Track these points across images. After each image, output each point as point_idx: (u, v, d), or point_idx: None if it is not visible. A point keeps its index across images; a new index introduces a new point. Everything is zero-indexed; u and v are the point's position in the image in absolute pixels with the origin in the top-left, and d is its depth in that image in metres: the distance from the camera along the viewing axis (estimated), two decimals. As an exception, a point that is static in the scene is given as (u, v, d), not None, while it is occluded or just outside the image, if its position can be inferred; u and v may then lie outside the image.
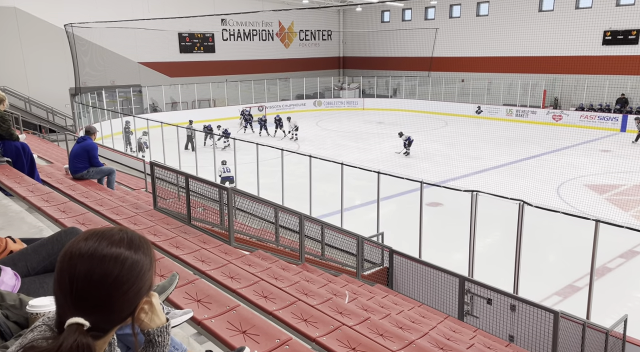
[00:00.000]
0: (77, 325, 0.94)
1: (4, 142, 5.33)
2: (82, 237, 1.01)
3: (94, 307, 0.96)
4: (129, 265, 1.00)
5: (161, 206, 5.83)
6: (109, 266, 0.97)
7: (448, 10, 31.30)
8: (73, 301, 0.95)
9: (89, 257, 0.97)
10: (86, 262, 0.96)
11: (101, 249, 0.98)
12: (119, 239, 1.02)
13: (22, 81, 23.20)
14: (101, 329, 0.98)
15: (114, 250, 0.99)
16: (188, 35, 29.71)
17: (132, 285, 1.00)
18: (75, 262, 0.96)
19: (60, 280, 0.97)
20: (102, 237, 1.00)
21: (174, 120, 19.78)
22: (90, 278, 0.95)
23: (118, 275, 0.98)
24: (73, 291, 0.95)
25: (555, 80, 26.62)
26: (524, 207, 6.75)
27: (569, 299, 7.84)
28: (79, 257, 0.97)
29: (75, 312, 0.94)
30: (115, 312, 1.00)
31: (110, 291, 0.97)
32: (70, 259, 0.97)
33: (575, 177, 14.99)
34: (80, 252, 0.97)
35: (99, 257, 0.97)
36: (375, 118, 28.79)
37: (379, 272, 7.65)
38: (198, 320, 2.35)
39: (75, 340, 0.91)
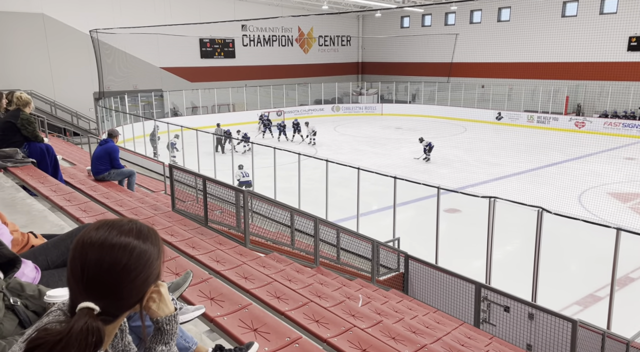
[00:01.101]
0: (87, 309, 0.99)
1: (29, 144, 5.50)
2: (94, 227, 1.06)
3: (103, 293, 1.01)
4: (137, 254, 1.04)
5: (179, 207, 5.93)
6: (118, 254, 1.02)
7: (469, 16, 31.08)
8: (84, 286, 1.00)
9: (99, 246, 1.02)
10: (97, 250, 1.01)
11: (111, 238, 1.03)
12: (128, 229, 1.06)
13: (48, 85, 23.85)
14: (110, 314, 1.03)
15: (123, 239, 1.04)
16: (209, 40, 30.16)
17: (140, 273, 1.05)
18: (87, 250, 1.01)
19: (72, 267, 1.02)
20: (112, 227, 1.05)
21: (195, 124, 20.08)
22: (101, 265, 1.00)
23: (127, 263, 1.02)
24: (84, 277, 1.00)
25: (578, 87, 26.16)
26: (543, 215, 6.65)
27: (589, 308, 7.67)
28: (90, 246, 1.02)
29: (86, 297, 1.00)
30: (123, 298, 1.04)
31: (119, 277, 1.02)
32: (82, 247, 1.02)
33: (598, 185, 14.67)
34: (91, 240, 1.02)
35: (109, 246, 1.02)
36: (394, 123, 28.70)
37: (394, 278, 7.61)
38: (210, 317, 2.39)
39: (86, 323, 0.96)
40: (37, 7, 23.31)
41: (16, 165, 5.35)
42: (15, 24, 22.70)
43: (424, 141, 18.57)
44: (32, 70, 23.29)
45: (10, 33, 22.65)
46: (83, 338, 0.95)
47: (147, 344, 1.17)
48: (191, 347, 1.79)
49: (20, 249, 2.13)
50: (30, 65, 23.30)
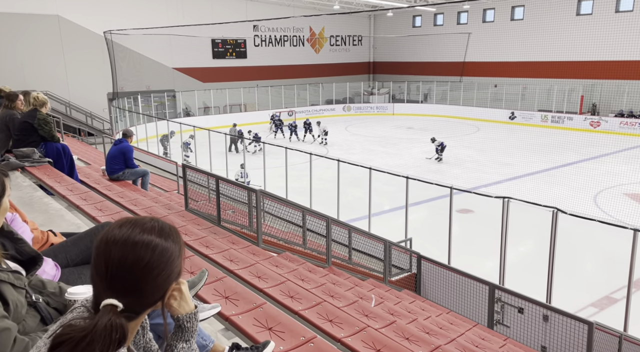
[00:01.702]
0: (111, 306, 1.00)
1: (45, 144, 5.58)
2: (117, 225, 1.08)
3: (126, 290, 1.02)
4: (159, 251, 1.06)
5: (192, 207, 5.97)
6: (141, 251, 1.04)
7: (481, 14, 30.81)
8: (108, 283, 1.02)
9: (122, 244, 1.04)
10: (120, 248, 1.03)
11: (134, 236, 1.05)
12: (151, 227, 1.08)
13: (63, 86, 24.18)
14: (133, 311, 1.05)
15: (146, 237, 1.06)
16: (221, 41, 30.32)
17: (162, 270, 1.06)
18: (110, 248, 1.03)
19: (96, 264, 1.04)
20: (134, 225, 1.07)
21: (207, 124, 20.21)
22: (124, 263, 1.02)
23: (149, 260, 1.04)
24: (108, 274, 1.02)
25: (594, 86, 25.78)
26: (557, 215, 6.57)
27: (605, 310, 7.56)
28: (114, 243, 1.04)
29: (109, 294, 1.01)
30: (146, 295, 1.06)
31: (142, 275, 1.04)
32: (106, 245, 1.04)
33: (613, 185, 14.45)
34: (114, 238, 1.04)
35: (132, 244, 1.04)
36: (405, 123, 28.58)
37: (407, 278, 7.58)
38: (226, 316, 2.40)
39: (109, 319, 0.98)
40: (53, 9, 23.65)
41: (33, 164, 5.43)
42: (31, 25, 23.05)
43: (435, 141, 18.45)
44: (48, 71, 23.63)
45: (26, 35, 23.01)
46: (107, 334, 0.96)
47: (167, 342, 1.18)
48: (208, 345, 1.81)
49: (40, 247, 2.17)
50: (46, 67, 23.64)
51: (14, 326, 1.34)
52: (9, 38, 22.58)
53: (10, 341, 1.31)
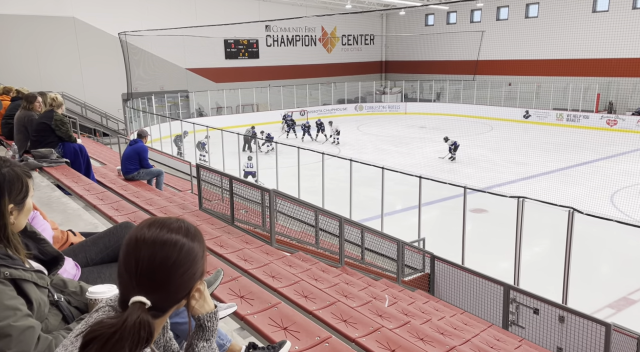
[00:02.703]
0: (140, 303, 1.04)
1: (63, 144, 5.67)
2: (146, 225, 1.12)
3: (155, 287, 1.06)
4: (186, 251, 1.10)
5: (206, 206, 6.02)
6: (169, 250, 1.08)
7: (495, 12, 30.50)
8: (137, 281, 1.06)
9: (152, 243, 1.08)
10: (149, 247, 1.07)
11: (162, 236, 1.09)
12: (178, 227, 1.13)
13: (79, 87, 24.52)
14: (160, 308, 1.08)
15: (174, 237, 1.10)
16: (233, 41, 30.47)
17: (188, 269, 1.10)
18: (140, 247, 1.07)
19: (126, 262, 1.07)
20: (163, 226, 1.11)
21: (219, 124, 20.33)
22: (153, 261, 1.06)
23: (176, 259, 1.08)
24: (137, 271, 1.06)
25: (610, 84, 25.35)
26: (573, 215, 6.48)
27: (623, 312, 7.44)
28: (144, 242, 1.08)
29: (138, 292, 1.05)
30: (172, 293, 1.10)
31: (170, 272, 1.08)
32: (136, 244, 1.08)
33: (631, 184, 14.20)
34: (144, 237, 1.08)
35: (161, 243, 1.08)
36: (418, 122, 28.43)
37: (420, 278, 7.55)
38: (241, 315, 2.42)
39: (139, 316, 1.01)
40: (69, 11, 24.00)
41: (51, 165, 5.52)
42: (47, 28, 23.42)
43: (449, 140, 18.32)
44: (64, 72, 23.99)
45: (43, 37, 23.38)
46: (136, 331, 0.99)
47: (188, 341, 1.20)
48: (225, 344, 1.82)
49: (60, 247, 2.21)
50: (62, 68, 23.99)
51: (37, 325, 1.37)
52: (26, 40, 22.98)
53: (34, 339, 1.34)
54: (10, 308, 1.32)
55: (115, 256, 2.14)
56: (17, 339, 1.30)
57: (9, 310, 1.31)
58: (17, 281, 1.39)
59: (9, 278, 1.37)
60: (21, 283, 1.40)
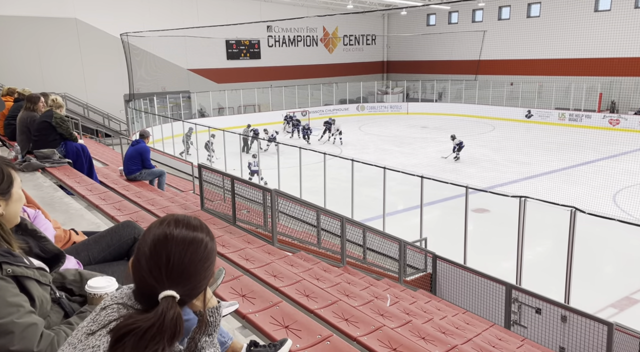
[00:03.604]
0: (172, 297, 1.09)
1: (65, 144, 5.69)
2: (172, 223, 1.18)
3: (184, 281, 1.13)
4: (209, 249, 1.20)
5: (208, 207, 6.03)
6: (197, 247, 1.16)
7: (497, 12, 30.46)
8: (168, 275, 1.11)
9: (182, 239, 1.15)
10: (180, 243, 1.14)
11: (189, 233, 1.17)
12: (200, 226, 1.21)
13: (81, 88, 24.58)
14: (184, 301, 1.14)
15: (199, 234, 1.19)
16: (235, 42, 30.50)
17: (211, 264, 1.20)
18: (171, 243, 1.14)
19: (156, 258, 1.12)
20: (188, 224, 1.19)
21: (221, 125, 20.34)
22: (184, 256, 1.13)
23: (202, 255, 1.17)
24: (169, 266, 1.11)
25: (613, 83, 25.28)
26: (576, 215, 6.47)
27: (625, 311, 7.43)
28: (174, 239, 1.14)
29: (169, 286, 1.10)
30: (197, 287, 1.17)
31: (197, 267, 1.15)
32: (166, 240, 1.14)
33: (633, 184, 14.16)
34: (173, 234, 1.15)
35: (190, 239, 1.16)
36: (420, 122, 28.40)
37: (422, 278, 7.54)
38: (243, 314, 2.43)
39: (176, 310, 1.07)
40: (71, 13, 24.06)
41: (53, 165, 5.54)
42: (49, 29, 23.49)
43: (455, 139, 18.25)
44: (66, 73, 24.05)
45: (45, 38, 23.45)
46: (174, 325, 1.04)
47: (191, 335, 1.21)
48: (227, 342, 1.83)
49: (62, 246, 2.22)
50: (64, 69, 24.06)
51: (40, 321, 1.38)
52: (29, 41, 23.05)
53: (37, 335, 1.35)
54: (13, 305, 1.33)
55: (117, 255, 2.15)
56: (20, 336, 1.31)
57: (11, 307, 1.32)
58: (19, 278, 1.40)
59: (11, 275, 1.38)
60: (23, 280, 1.41)
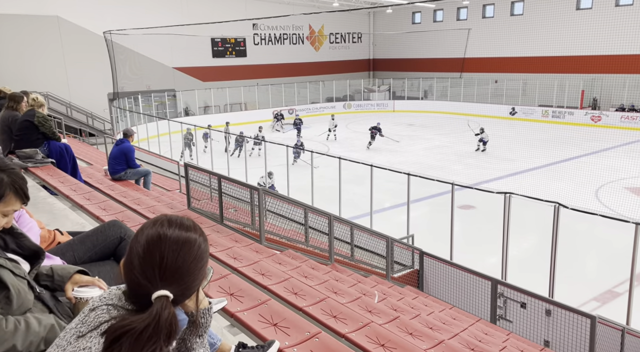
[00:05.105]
0: (166, 297, 1.08)
1: (49, 143, 5.61)
2: (165, 223, 1.18)
3: (177, 281, 1.12)
4: (202, 249, 1.19)
5: (195, 206, 5.99)
6: (190, 247, 1.16)
7: (481, 10, 30.75)
8: (162, 275, 1.10)
9: (175, 240, 1.15)
10: (174, 243, 1.14)
11: (183, 233, 1.17)
12: (193, 226, 1.22)
13: (63, 87, 24.19)
14: (177, 301, 1.13)
15: (192, 235, 1.18)
16: (220, 40, 30.30)
17: (204, 264, 1.20)
18: (165, 243, 1.13)
19: (149, 258, 1.11)
20: (181, 224, 1.19)
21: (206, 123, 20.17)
22: (177, 256, 1.13)
23: (196, 255, 1.17)
24: (162, 266, 1.11)
25: (594, 80, 25.72)
26: (559, 210, 6.57)
27: (608, 304, 7.58)
28: (167, 239, 1.14)
29: (162, 286, 1.09)
30: (190, 287, 1.16)
31: (190, 267, 1.15)
32: (160, 240, 1.14)
33: (615, 179, 14.45)
34: (167, 235, 1.15)
35: (184, 240, 1.16)
36: (406, 120, 28.55)
37: (409, 274, 7.60)
38: (231, 312, 2.43)
39: (170, 310, 1.06)
40: (52, 10, 23.65)
41: (36, 165, 5.46)
42: (30, 27, 23.06)
43: (483, 132, 18.51)
44: (48, 72, 23.65)
45: (26, 36, 23.03)
46: (169, 324, 1.04)
47: (181, 336, 1.20)
48: (216, 343, 1.83)
49: (47, 246, 2.19)
50: (46, 68, 23.65)
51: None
52: (9, 39, 22.61)
53: None
54: None
55: (103, 255, 2.13)
56: None
57: None
58: None
59: None
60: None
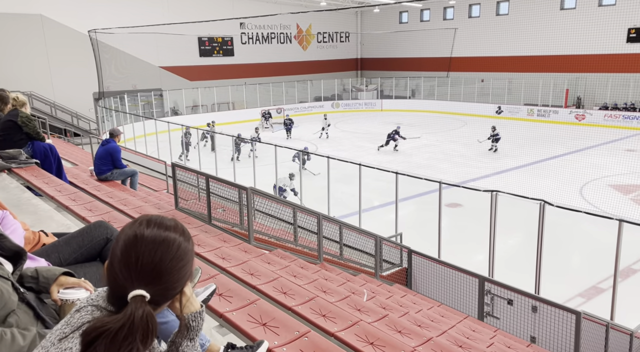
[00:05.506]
0: (141, 297, 1.06)
1: (32, 143, 5.52)
2: (144, 223, 1.16)
3: (154, 281, 1.10)
4: (183, 249, 1.17)
5: (182, 206, 5.95)
6: (168, 247, 1.14)
7: (467, 10, 31.01)
8: (137, 275, 1.08)
9: (152, 239, 1.13)
10: (150, 243, 1.12)
11: (161, 233, 1.15)
12: (174, 226, 1.19)
13: (47, 86, 23.83)
14: (156, 302, 1.11)
15: (172, 234, 1.16)
16: (207, 39, 30.11)
17: (184, 265, 1.16)
18: (141, 243, 1.11)
19: (125, 258, 1.10)
20: (160, 224, 1.17)
21: (195, 123, 20.05)
22: (154, 256, 1.11)
23: (175, 255, 1.14)
24: (138, 266, 1.09)
25: (578, 79, 26.11)
26: (545, 207, 6.66)
27: (592, 300, 7.70)
28: (144, 239, 1.12)
29: (138, 285, 1.08)
30: (169, 288, 1.14)
31: (168, 267, 1.13)
32: (136, 240, 1.12)
33: (599, 177, 14.68)
34: (144, 234, 1.13)
35: (161, 239, 1.14)
36: (394, 119, 28.62)
37: (398, 273, 7.64)
38: (220, 313, 2.42)
39: (144, 309, 1.04)
40: (35, 9, 23.27)
41: (20, 166, 5.37)
42: (13, 25, 22.67)
43: (495, 129, 18.58)
44: (31, 71, 23.28)
45: (9, 35, 22.62)
46: (145, 324, 1.02)
47: (172, 339, 1.20)
48: (205, 344, 1.82)
49: (32, 248, 2.16)
50: (29, 67, 23.28)
51: None
52: (-9, 38, 22.22)
53: None
54: None
55: (89, 256, 2.11)
56: None
57: None
58: None
59: None
60: None
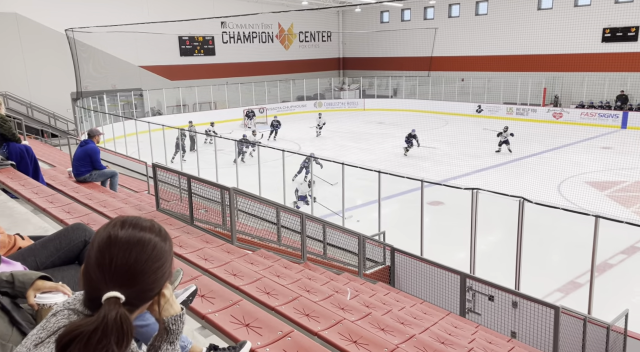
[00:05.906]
0: (115, 298, 1.04)
1: (8, 144, 5.40)
2: (118, 223, 1.13)
3: (129, 283, 1.08)
4: (159, 249, 1.14)
5: (164, 207, 5.89)
6: (143, 247, 1.11)
7: (447, 9, 31.34)
8: (111, 277, 1.06)
9: (126, 241, 1.10)
10: (124, 244, 1.09)
11: (136, 234, 1.12)
12: (150, 226, 1.16)
13: (23, 86, 23.28)
14: (132, 303, 1.09)
15: (147, 235, 1.13)
16: (188, 38, 29.80)
17: (160, 266, 1.14)
18: (115, 244, 1.09)
19: (99, 260, 1.07)
20: (135, 224, 1.15)
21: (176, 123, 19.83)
22: (128, 257, 1.08)
23: (150, 256, 1.11)
24: (112, 268, 1.06)
25: (555, 78, 26.63)
26: (524, 204, 6.78)
27: (570, 295, 7.87)
28: (117, 240, 1.09)
29: (112, 287, 1.05)
30: (145, 289, 1.12)
31: (143, 269, 1.10)
32: (109, 242, 1.09)
33: (576, 174, 15.00)
34: (118, 235, 1.10)
35: (135, 240, 1.11)
36: (376, 118, 28.82)
37: (381, 271, 7.69)
38: (202, 314, 2.40)
39: (118, 311, 1.02)
40: (10, 7, 22.71)
41: (-5, 168, 5.24)
42: (-14, 24, 22.10)
43: (507, 130, 18.55)
44: (6, 71, 22.72)
45: (-18, 33, 22.05)
46: (119, 326, 1.00)
47: (151, 342, 1.18)
48: (187, 346, 1.81)
49: (7, 252, 2.11)
50: (4, 67, 22.71)
51: None
52: (-37, 37, 21.60)
53: None
54: None
55: (67, 259, 2.07)
56: None
57: None
58: None
59: None
60: None
